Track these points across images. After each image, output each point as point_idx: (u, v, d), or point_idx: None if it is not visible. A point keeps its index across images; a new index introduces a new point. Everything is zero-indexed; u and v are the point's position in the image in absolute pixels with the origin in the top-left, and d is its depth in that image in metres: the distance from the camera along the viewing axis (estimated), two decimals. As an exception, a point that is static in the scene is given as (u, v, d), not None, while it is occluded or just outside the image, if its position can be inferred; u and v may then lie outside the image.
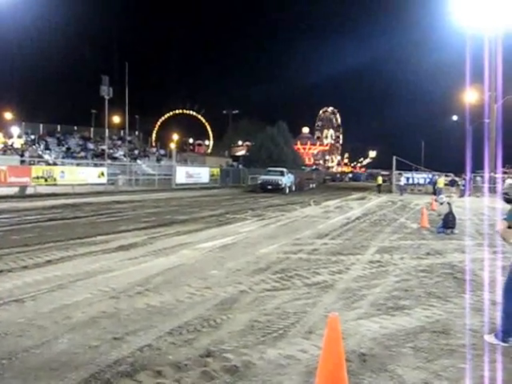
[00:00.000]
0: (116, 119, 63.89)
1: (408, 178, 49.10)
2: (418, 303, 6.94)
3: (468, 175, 42.14)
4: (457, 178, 44.59)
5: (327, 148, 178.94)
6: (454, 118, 62.91)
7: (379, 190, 44.23)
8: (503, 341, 5.29)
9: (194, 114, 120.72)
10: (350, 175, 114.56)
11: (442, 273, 8.97)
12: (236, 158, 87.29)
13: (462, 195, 38.03)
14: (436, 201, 25.44)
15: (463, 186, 39.80)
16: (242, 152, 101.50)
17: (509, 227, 5.37)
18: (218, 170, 52.24)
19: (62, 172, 30.70)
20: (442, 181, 41.79)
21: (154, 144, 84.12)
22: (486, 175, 43.97)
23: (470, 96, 50.65)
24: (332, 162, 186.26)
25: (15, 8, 41.37)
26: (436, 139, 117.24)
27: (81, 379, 4.20)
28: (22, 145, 53.99)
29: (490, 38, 45.74)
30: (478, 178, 47.74)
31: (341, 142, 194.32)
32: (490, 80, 46.79)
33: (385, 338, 5.45)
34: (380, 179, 46.74)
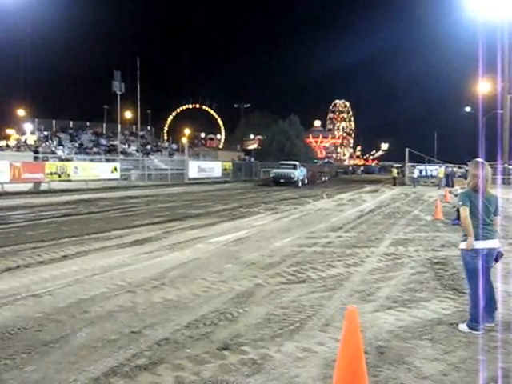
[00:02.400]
0: (128, 114, 64.08)
1: (421, 171, 48.74)
2: (434, 295, 6.91)
3: (481, 167, 41.77)
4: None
5: (339, 141, 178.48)
6: (467, 109, 62.34)
7: (394, 182, 44.00)
8: (472, 328, 5.42)
9: (206, 108, 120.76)
10: (363, 168, 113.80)
11: (458, 265, 8.89)
12: (248, 152, 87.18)
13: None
14: (450, 192, 25.29)
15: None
16: (253, 146, 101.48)
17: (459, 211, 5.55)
18: (231, 164, 52.24)
19: (76, 168, 30.82)
20: (442, 171, 41.93)
21: (166, 139, 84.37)
22: (499, 166, 43.59)
23: (482, 87, 50.18)
24: (344, 154, 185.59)
25: (27, 7, 41.54)
26: (449, 131, 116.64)
27: (100, 373, 4.23)
28: (35, 141, 54.34)
29: (503, 27, 45.25)
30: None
31: (353, 134, 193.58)
32: (503, 70, 46.34)
33: (402, 330, 5.43)
34: (395, 172, 46.54)
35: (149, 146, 64.38)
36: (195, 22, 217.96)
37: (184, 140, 78.49)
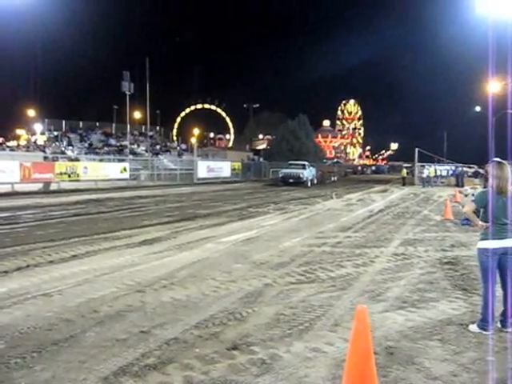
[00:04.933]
0: (137, 115, 64.25)
1: (430, 171, 48.54)
2: (444, 296, 6.88)
3: (491, 166, 41.63)
4: (480, 170, 44.00)
5: (348, 141, 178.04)
6: (477, 108, 61.93)
7: (404, 182, 43.85)
8: (482, 329, 5.39)
9: (215, 108, 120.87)
10: (373, 168, 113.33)
11: (468, 265, 8.87)
12: (257, 152, 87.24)
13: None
14: (460, 192, 25.21)
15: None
16: (262, 146, 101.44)
17: (473, 211, 5.59)
18: (240, 164, 52.22)
19: (85, 168, 30.95)
20: (432, 170, 42.27)
21: (175, 139, 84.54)
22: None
23: (492, 86, 49.85)
24: (353, 154, 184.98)
25: (37, 8, 41.73)
26: (459, 131, 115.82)
27: (109, 372, 4.24)
28: (44, 141, 54.62)
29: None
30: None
31: (362, 134, 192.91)
32: (514, 69, 46.02)
33: (411, 330, 5.41)
34: (404, 172, 46.36)
35: (158, 146, 64.54)
36: (205, 22, 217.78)
37: (193, 140, 78.74)
